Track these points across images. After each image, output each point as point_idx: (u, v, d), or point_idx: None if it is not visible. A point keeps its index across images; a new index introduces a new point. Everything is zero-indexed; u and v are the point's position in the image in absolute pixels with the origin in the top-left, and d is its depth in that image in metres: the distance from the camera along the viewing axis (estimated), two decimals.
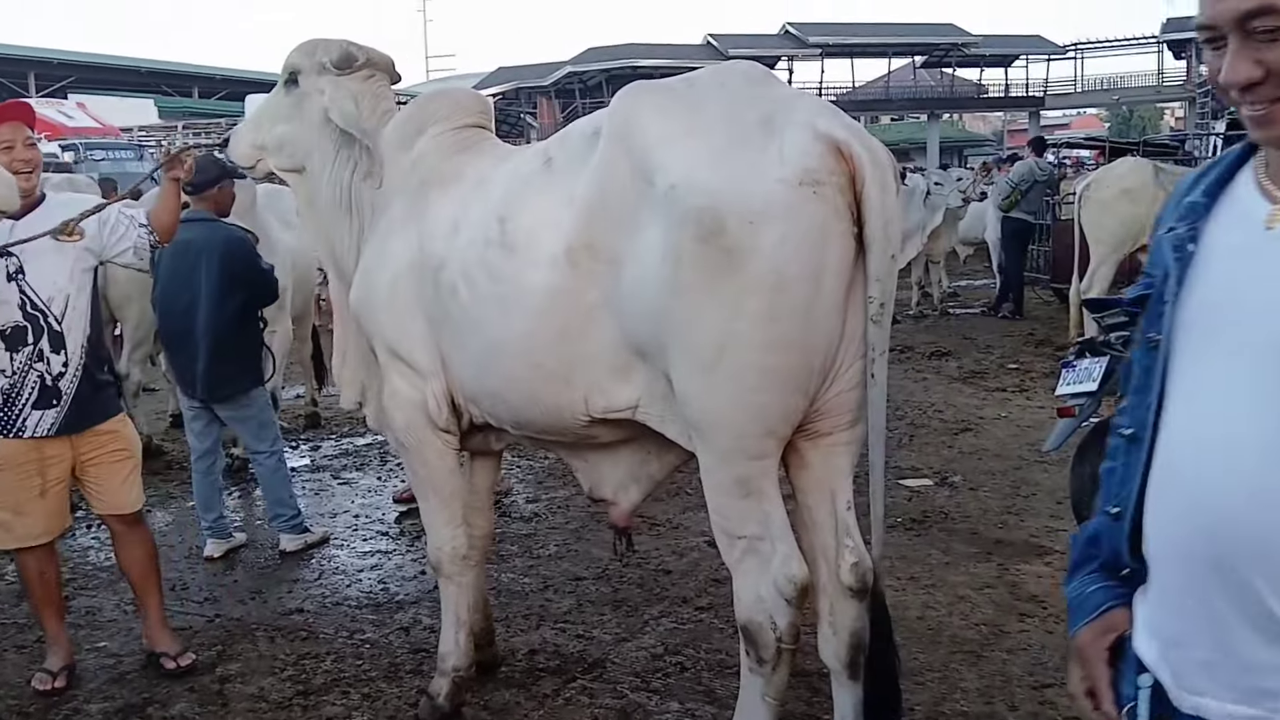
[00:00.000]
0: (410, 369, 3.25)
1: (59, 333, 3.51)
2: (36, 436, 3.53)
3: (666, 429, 2.82)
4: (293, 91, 3.49)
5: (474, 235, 2.99)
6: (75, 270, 3.56)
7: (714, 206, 2.47)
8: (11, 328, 3.47)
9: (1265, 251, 1.31)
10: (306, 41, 3.52)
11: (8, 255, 3.44)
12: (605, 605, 4.31)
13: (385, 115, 3.46)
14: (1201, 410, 1.33)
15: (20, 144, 3.50)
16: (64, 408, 3.54)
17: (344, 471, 6.39)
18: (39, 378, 3.50)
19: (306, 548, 4.98)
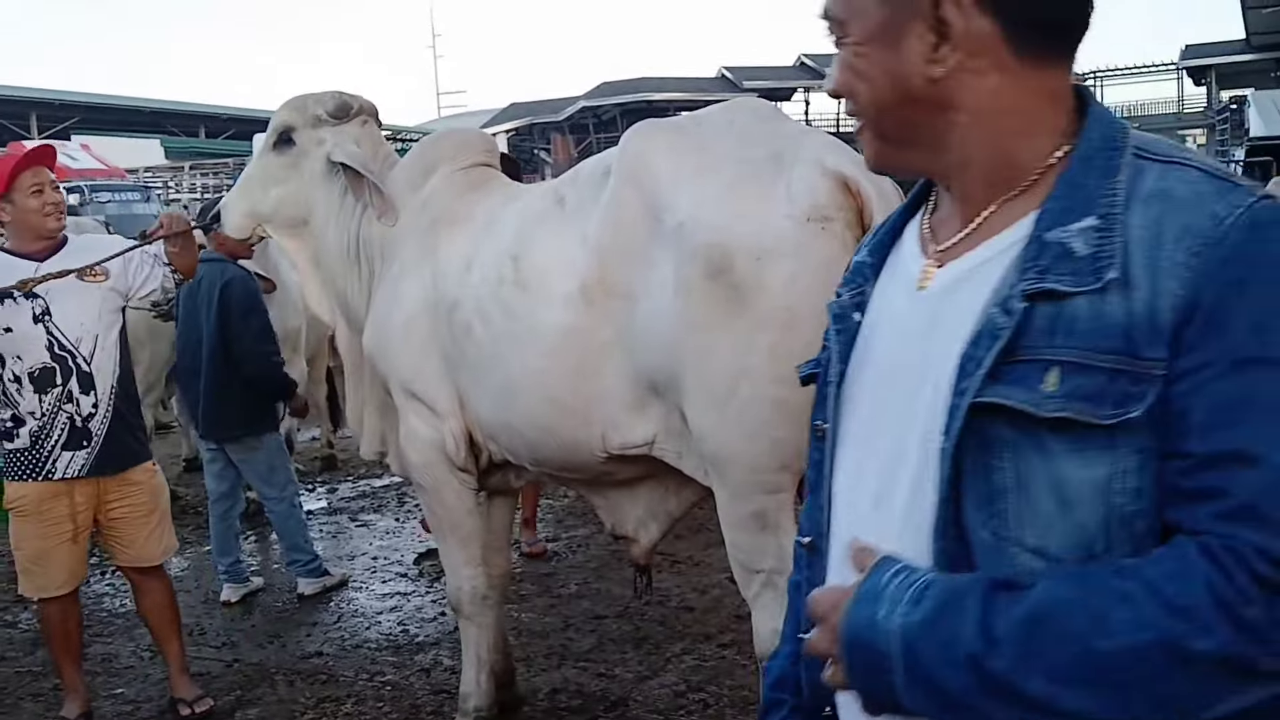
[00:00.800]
0: (427, 409, 3.25)
1: (88, 373, 3.51)
2: (67, 478, 3.51)
3: (683, 465, 2.82)
4: (287, 151, 3.46)
5: (488, 274, 3.01)
6: (103, 310, 3.56)
7: (722, 243, 2.50)
8: (40, 369, 3.47)
9: (916, 317, 1.10)
10: (294, 98, 3.52)
11: (34, 297, 3.45)
12: (627, 643, 4.28)
13: (387, 158, 3.51)
14: (854, 515, 1.12)
15: (48, 187, 3.53)
16: (95, 448, 3.53)
17: (361, 513, 6.38)
18: (68, 419, 3.49)
19: (325, 591, 4.96)
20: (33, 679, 4.10)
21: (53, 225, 3.54)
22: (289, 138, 3.46)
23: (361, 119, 3.49)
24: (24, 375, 3.46)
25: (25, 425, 3.48)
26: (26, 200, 3.49)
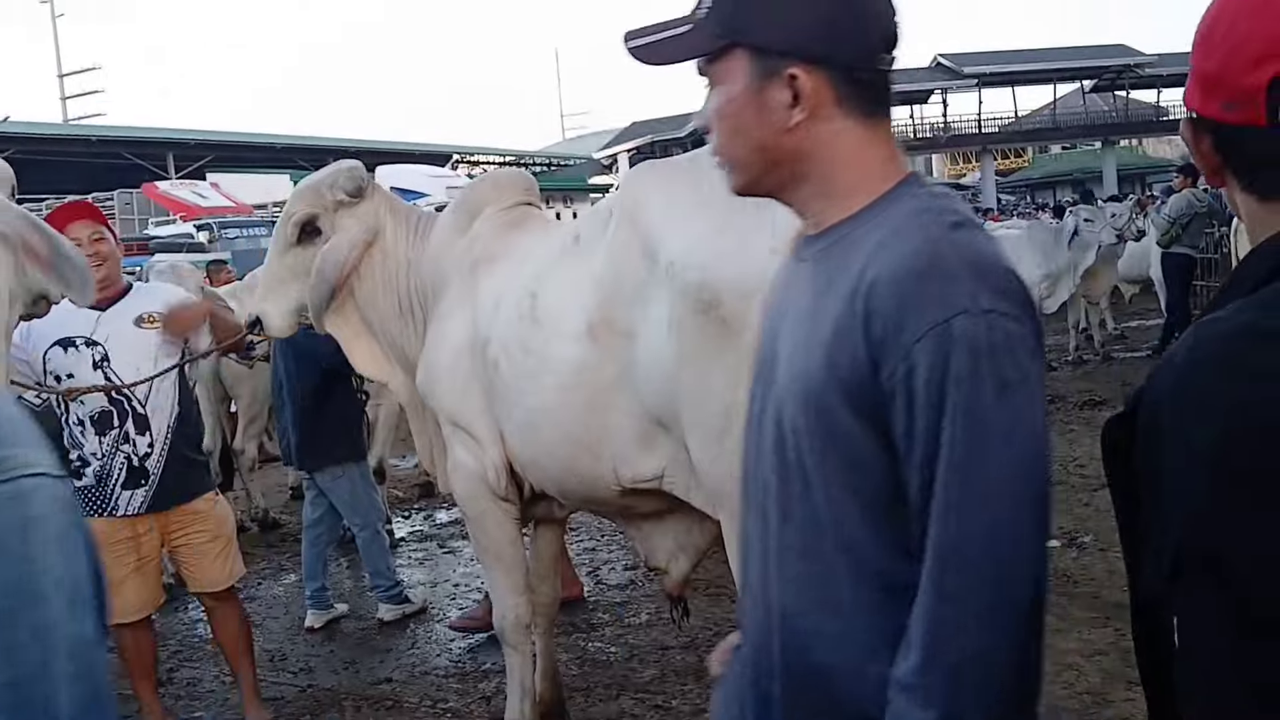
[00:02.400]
0: (471, 440, 3.34)
1: (143, 415, 3.68)
2: (128, 515, 3.70)
3: (692, 498, 2.83)
4: (314, 241, 3.55)
5: (510, 310, 3.10)
6: (159, 355, 3.73)
7: (709, 281, 2.53)
8: (99, 412, 3.65)
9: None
10: (306, 188, 3.61)
11: (93, 344, 3.65)
12: (689, 675, 4.24)
13: (409, 213, 3.65)
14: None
15: (86, 240, 3.66)
16: (152, 486, 3.70)
17: (450, 540, 6.52)
18: (125, 459, 3.67)
19: (405, 617, 5.10)
20: (121, 701, 4.33)
21: None
22: (314, 228, 3.55)
23: (371, 189, 3.60)
24: (86, 419, 3.66)
25: (90, 465, 3.67)
26: None
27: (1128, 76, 44.38)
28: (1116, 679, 3.91)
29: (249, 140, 34.02)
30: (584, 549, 6.17)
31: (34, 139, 30.01)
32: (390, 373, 3.73)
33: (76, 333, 3.66)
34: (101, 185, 21.49)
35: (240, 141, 33.63)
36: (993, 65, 43.45)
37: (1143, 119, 47.85)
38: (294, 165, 25.63)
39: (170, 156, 31.03)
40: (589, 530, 6.49)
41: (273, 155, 31.33)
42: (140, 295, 3.84)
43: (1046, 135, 48.43)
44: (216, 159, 29.22)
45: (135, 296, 3.81)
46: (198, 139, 32.44)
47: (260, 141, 33.87)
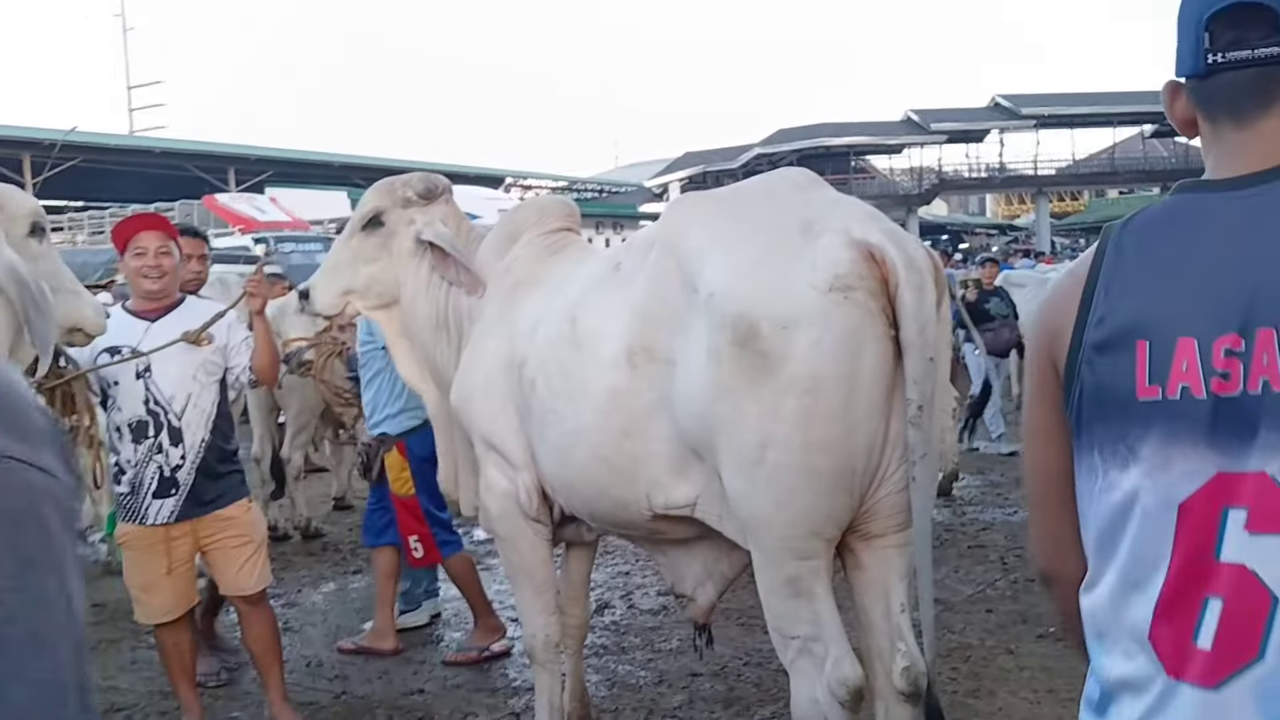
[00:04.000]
0: (505, 460, 3.39)
1: (177, 428, 3.77)
2: (158, 524, 3.79)
3: (724, 528, 2.86)
4: (376, 232, 3.67)
5: (550, 333, 3.15)
6: (200, 372, 3.82)
7: (748, 313, 2.56)
8: (136, 421, 3.75)
9: None
10: (382, 183, 3.77)
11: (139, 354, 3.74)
12: (717, 703, 4.26)
13: (470, 231, 3.73)
14: None
15: (152, 251, 3.79)
16: (181, 497, 3.78)
17: (487, 558, 6.55)
18: (158, 469, 3.76)
19: (438, 629, 5.17)
20: (161, 697, 4.44)
21: (148, 287, 3.81)
22: (379, 220, 3.68)
23: (445, 198, 3.72)
24: (124, 426, 3.76)
25: (125, 474, 3.79)
26: (130, 260, 3.82)
27: None
28: None
29: (308, 158, 34.65)
30: (618, 573, 6.21)
31: (100, 149, 30.81)
32: (424, 385, 3.80)
33: (124, 341, 3.75)
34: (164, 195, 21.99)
35: (300, 159, 34.25)
36: (1051, 107, 43.23)
37: (1202, 166, 47.12)
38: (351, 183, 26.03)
39: (231, 170, 31.67)
40: (623, 554, 6.52)
41: (331, 173, 31.88)
42: (190, 311, 3.92)
43: (1104, 179, 48.04)
44: (276, 174, 29.77)
45: (185, 311, 3.90)
46: (258, 154, 33.08)
47: (319, 159, 34.47)
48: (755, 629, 4.93)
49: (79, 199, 30.59)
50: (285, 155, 34.25)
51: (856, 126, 43.95)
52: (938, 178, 45.35)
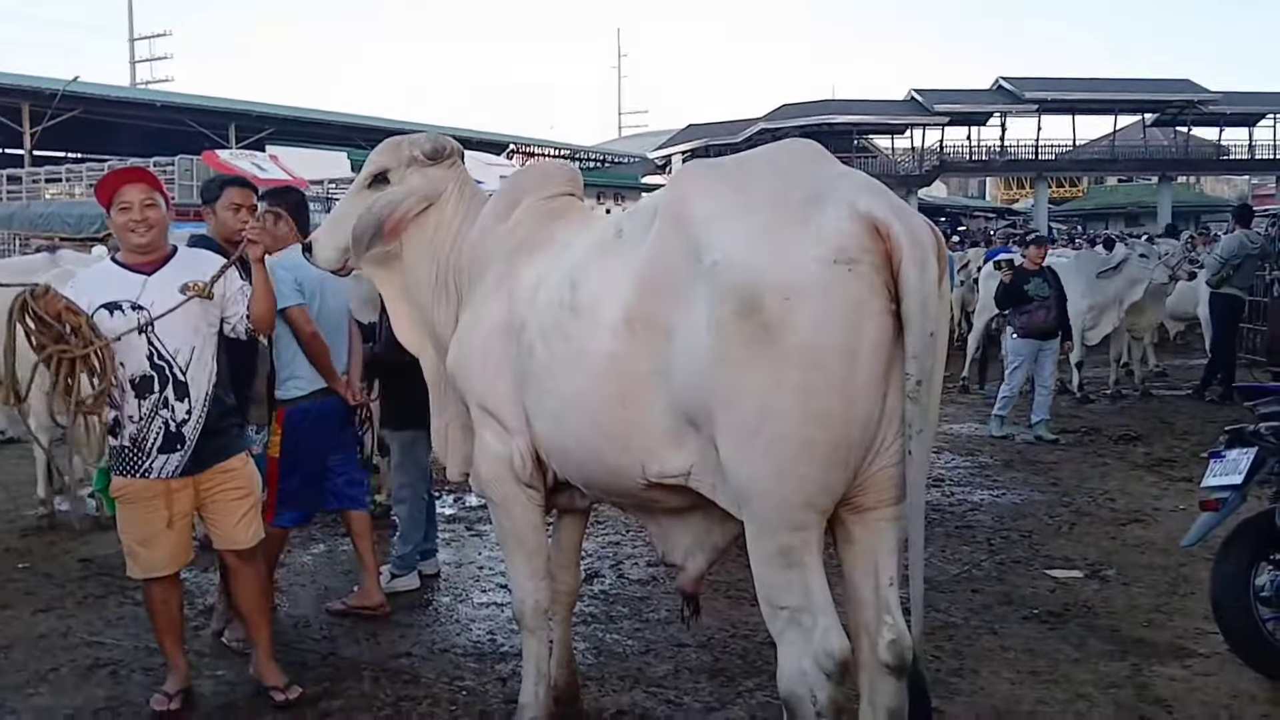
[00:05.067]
0: (499, 425, 3.40)
1: (183, 382, 3.74)
2: (162, 478, 3.78)
3: (718, 497, 2.86)
4: (382, 189, 3.67)
5: (550, 297, 3.14)
6: (201, 324, 3.79)
7: (752, 283, 2.55)
8: (140, 377, 3.71)
9: None
10: (389, 141, 3.75)
11: (139, 308, 3.70)
12: (703, 673, 4.30)
13: (475, 196, 3.71)
14: None
15: (138, 205, 3.74)
16: (187, 452, 3.77)
17: (479, 524, 6.61)
18: (164, 424, 3.74)
19: (427, 594, 5.26)
20: (148, 653, 4.46)
21: (135, 240, 3.76)
22: (384, 177, 3.67)
23: (450, 160, 3.70)
24: (127, 381, 3.71)
25: (126, 428, 3.74)
26: (116, 215, 3.77)
27: (1190, 112, 43.87)
28: (1129, 712, 3.92)
29: (310, 117, 34.40)
30: (608, 542, 6.24)
31: (101, 100, 30.52)
32: (422, 346, 3.80)
33: (123, 296, 3.72)
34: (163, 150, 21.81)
35: (302, 117, 34.01)
36: (1054, 92, 43.12)
37: (1203, 156, 47.27)
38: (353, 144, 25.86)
39: (232, 127, 31.43)
40: (614, 525, 6.55)
41: (332, 133, 31.63)
42: (185, 262, 3.88)
43: (1103, 166, 47.95)
44: (277, 132, 29.53)
45: (180, 263, 3.85)
46: (260, 111, 32.84)
47: (321, 119, 34.21)
48: (743, 602, 4.98)
49: (78, 151, 30.38)
50: (287, 113, 34.00)
51: (860, 105, 43.78)
52: (939, 159, 45.22)
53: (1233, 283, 11.23)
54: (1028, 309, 9.41)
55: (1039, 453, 8.94)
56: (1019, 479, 7.98)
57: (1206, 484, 4.38)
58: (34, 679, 4.30)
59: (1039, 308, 9.38)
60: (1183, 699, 4.04)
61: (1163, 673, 4.29)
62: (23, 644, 4.70)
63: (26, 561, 5.99)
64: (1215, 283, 11.27)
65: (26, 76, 29.79)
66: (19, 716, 3.95)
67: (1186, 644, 4.59)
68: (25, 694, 4.15)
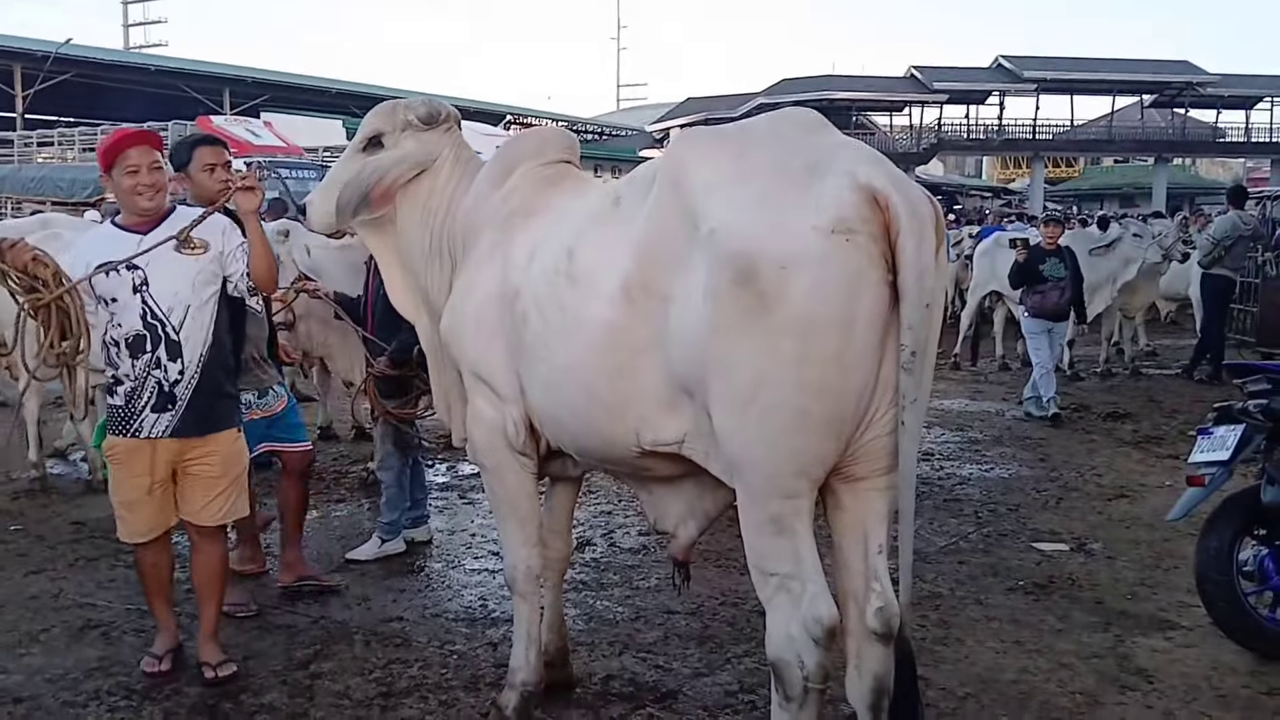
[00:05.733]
0: (492, 393, 3.40)
1: (176, 341, 3.72)
2: (152, 438, 3.76)
3: (711, 465, 2.88)
4: (376, 152, 3.64)
5: (545, 265, 3.12)
6: (197, 282, 3.75)
7: (748, 252, 2.54)
8: (134, 335, 3.70)
9: None
10: (384, 104, 3.73)
11: (134, 268, 3.67)
12: (691, 640, 4.34)
13: (470, 162, 3.69)
14: None
15: (145, 168, 3.72)
16: (179, 412, 3.75)
17: (472, 492, 6.64)
18: (156, 383, 3.72)
19: (418, 559, 5.31)
20: (139, 615, 4.48)
21: (142, 205, 3.75)
22: (379, 141, 3.65)
23: (447, 125, 3.68)
24: (121, 340, 3.71)
25: (122, 385, 3.74)
26: (122, 179, 3.74)
27: (1188, 94, 43.84)
28: (1110, 683, 3.97)
29: (306, 83, 34.20)
30: (600, 512, 6.28)
31: (94, 64, 30.32)
32: (417, 312, 3.79)
33: (118, 256, 3.68)
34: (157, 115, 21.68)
35: (298, 84, 33.81)
36: (1053, 71, 43.06)
37: (1199, 139, 47.22)
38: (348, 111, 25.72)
39: (227, 92, 31.27)
40: (606, 494, 6.60)
41: (327, 100, 31.49)
42: (180, 221, 3.81)
43: (1100, 147, 47.89)
44: (272, 99, 29.39)
45: (176, 222, 3.81)
46: (255, 77, 32.65)
47: (316, 85, 34.04)
48: (733, 570, 5.03)
49: (70, 115, 30.16)
50: (282, 80, 33.83)
51: (861, 81, 43.71)
52: (936, 137, 45.17)
53: (1224, 264, 11.26)
54: (1041, 289, 9.25)
55: (1028, 429, 8.99)
56: (1008, 454, 8.03)
57: (1194, 459, 4.43)
58: (26, 639, 4.33)
59: (1052, 289, 9.23)
60: (1163, 670, 4.10)
61: (1144, 644, 4.34)
62: (15, 605, 4.73)
63: (19, 524, 6.01)
64: (1207, 263, 11.31)
65: (18, 38, 29.56)
66: (11, 676, 3.98)
67: (1169, 616, 4.65)
68: (17, 654, 4.18)
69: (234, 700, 3.77)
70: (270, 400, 4.67)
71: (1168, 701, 3.83)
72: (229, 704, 3.75)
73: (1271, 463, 4.20)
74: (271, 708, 3.73)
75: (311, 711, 3.70)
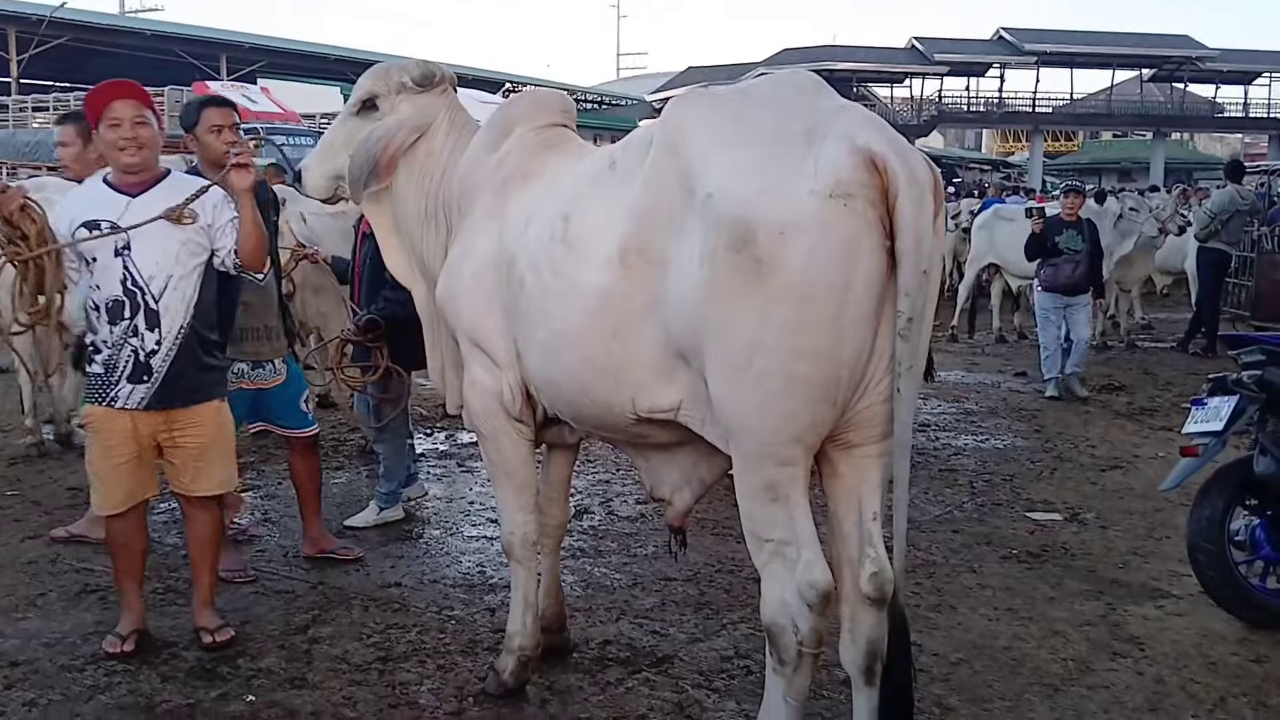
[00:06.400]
0: (489, 359, 3.39)
1: (155, 310, 3.61)
2: (128, 408, 3.67)
3: (706, 432, 2.88)
4: (370, 116, 3.62)
5: (541, 230, 3.11)
6: (182, 253, 3.65)
7: (746, 216, 2.53)
8: (113, 301, 3.60)
9: None
10: (378, 66, 3.70)
11: (118, 229, 3.57)
12: (688, 606, 4.38)
13: (465, 125, 3.67)
14: None
15: (128, 121, 3.60)
16: (154, 384, 3.65)
17: (470, 460, 6.67)
18: (133, 352, 3.62)
19: (416, 526, 5.34)
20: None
21: (126, 160, 3.62)
22: (373, 104, 3.62)
23: (442, 88, 3.65)
24: (102, 305, 3.62)
25: (101, 353, 3.65)
26: (105, 132, 3.62)
27: (1187, 69, 43.77)
28: (1101, 649, 4.01)
29: (303, 49, 33.95)
30: (598, 480, 6.31)
31: (89, 28, 30.04)
32: (414, 278, 3.77)
33: (104, 216, 3.60)
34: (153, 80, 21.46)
35: (294, 49, 33.57)
36: (1054, 44, 42.99)
37: (1198, 113, 47.17)
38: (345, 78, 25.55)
39: (223, 58, 31.03)
40: (604, 463, 6.62)
41: (324, 66, 31.25)
42: (174, 185, 3.74)
43: (1100, 121, 47.89)
44: (269, 65, 29.17)
45: (169, 186, 3.71)
46: (252, 43, 32.36)
47: (313, 51, 33.79)
48: (729, 538, 5.06)
49: (65, 80, 29.95)
50: (280, 45, 33.56)
51: (862, 51, 43.58)
52: (937, 110, 45.03)
53: (1220, 238, 11.28)
54: (1054, 262, 8.92)
55: (1023, 400, 9.03)
56: (1003, 425, 8.07)
57: (1188, 430, 4.45)
58: (23, 603, 4.35)
59: (1066, 262, 8.87)
60: (1154, 637, 4.14)
61: (1136, 612, 4.39)
62: (11, 569, 4.74)
63: (15, 489, 6.02)
64: (1203, 236, 11.32)
65: (13, 1, 29.26)
66: (8, 640, 3.99)
67: (1160, 585, 4.69)
68: (14, 618, 4.20)
69: (231, 664, 3.79)
70: (265, 374, 4.56)
71: (1158, 668, 3.87)
72: (227, 667, 3.77)
73: (1264, 434, 4.23)
74: (269, 671, 3.75)
75: (309, 675, 3.72)
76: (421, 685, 3.66)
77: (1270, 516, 4.28)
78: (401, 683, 3.67)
